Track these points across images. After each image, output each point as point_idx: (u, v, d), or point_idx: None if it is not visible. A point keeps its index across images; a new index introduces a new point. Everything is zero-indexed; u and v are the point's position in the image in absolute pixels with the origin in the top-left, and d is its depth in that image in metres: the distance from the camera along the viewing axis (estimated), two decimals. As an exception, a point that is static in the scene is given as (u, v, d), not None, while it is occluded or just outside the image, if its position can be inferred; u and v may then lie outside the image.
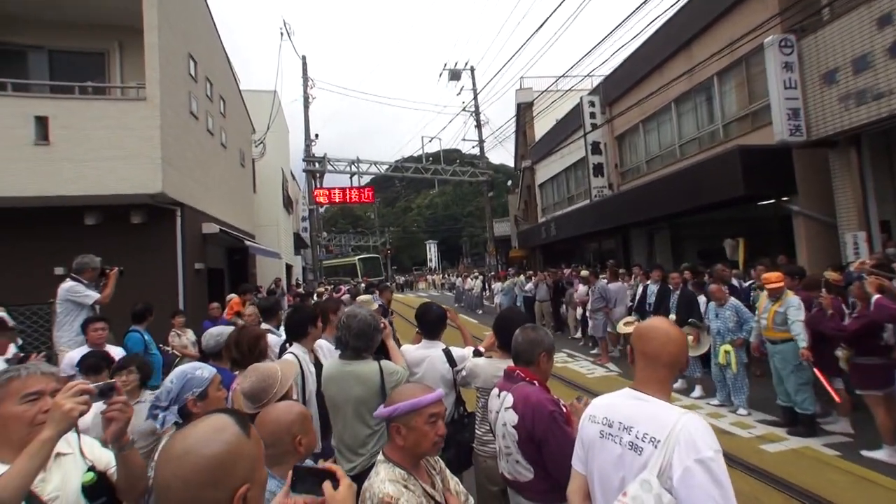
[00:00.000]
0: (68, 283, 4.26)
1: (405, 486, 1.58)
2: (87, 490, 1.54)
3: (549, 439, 2.10)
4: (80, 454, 1.60)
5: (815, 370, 4.97)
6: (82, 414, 1.38)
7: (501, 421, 2.30)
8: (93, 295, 4.29)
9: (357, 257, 40.90)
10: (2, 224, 8.05)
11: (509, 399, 2.27)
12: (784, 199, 8.76)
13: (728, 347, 5.84)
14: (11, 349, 3.66)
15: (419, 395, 1.68)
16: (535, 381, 2.28)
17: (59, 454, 1.54)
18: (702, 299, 6.91)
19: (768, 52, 8.16)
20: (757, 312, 5.70)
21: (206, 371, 2.03)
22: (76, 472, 1.56)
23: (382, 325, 2.87)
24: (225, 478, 0.92)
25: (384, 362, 2.68)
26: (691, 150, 11.92)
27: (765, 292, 5.52)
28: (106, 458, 1.65)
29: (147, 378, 3.19)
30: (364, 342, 2.66)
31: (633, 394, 1.58)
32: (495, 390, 2.44)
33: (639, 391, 1.57)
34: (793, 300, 5.17)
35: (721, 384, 6.17)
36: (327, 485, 1.24)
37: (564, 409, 2.21)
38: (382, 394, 2.56)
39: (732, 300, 6.13)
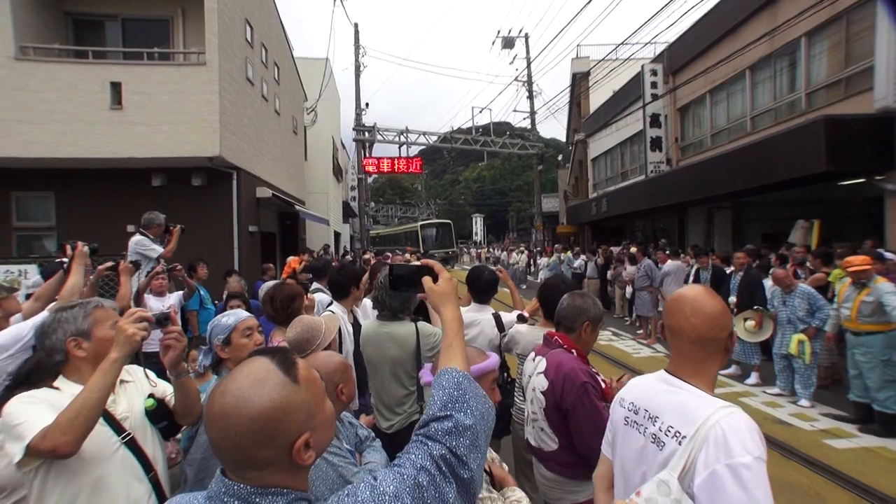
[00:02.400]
0: (137, 238, 4.62)
1: None
2: (150, 414, 1.71)
3: (576, 410, 2.01)
4: (146, 378, 1.77)
5: None
6: (143, 339, 1.51)
7: (532, 385, 2.23)
8: (158, 249, 4.63)
9: (420, 223, 34.97)
10: (84, 183, 8.88)
11: (542, 364, 2.19)
12: (878, 177, 7.80)
13: (802, 337, 5.45)
14: None
15: (477, 359, 1.59)
16: (574, 350, 2.17)
17: (122, 381, 1.70)
18: (767, 283, 6.39)
19: None
20: (837, 301, 5.23)
21: (231, 318, 2.12)
22: (139, 398, 1.73)
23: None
24: (276, 436, 0.82)
25: (421, 324, 2.66)
26: (765, 123, 10.94)
27: (846, 280, 5.03)
28: (163, 387, 1.82)
29: None
30: (400, 302, 2.65)
31: (666, 378, 1.39)
32: (532, 354, 2.38)
33: (671, 375, 1.38)
34: (884, 286, 4.66)
35: (784, 375, 5.81)
36: (427, 279, 1.23)
37: (604, 384, 2.10)
38: (418, 355, 2.55)
39: (802, 286, 5.70)
